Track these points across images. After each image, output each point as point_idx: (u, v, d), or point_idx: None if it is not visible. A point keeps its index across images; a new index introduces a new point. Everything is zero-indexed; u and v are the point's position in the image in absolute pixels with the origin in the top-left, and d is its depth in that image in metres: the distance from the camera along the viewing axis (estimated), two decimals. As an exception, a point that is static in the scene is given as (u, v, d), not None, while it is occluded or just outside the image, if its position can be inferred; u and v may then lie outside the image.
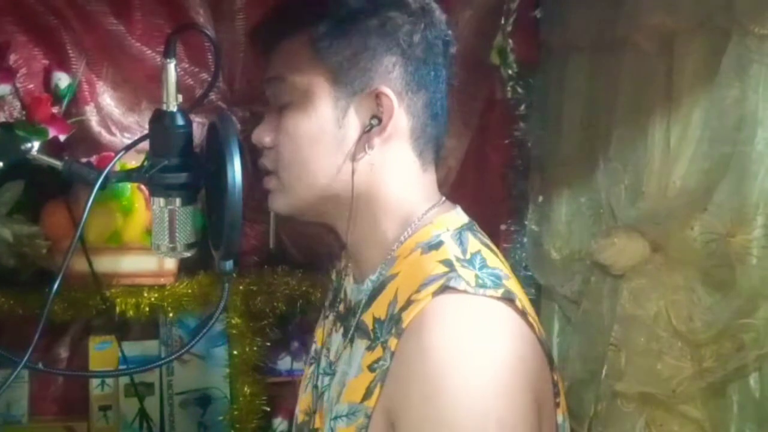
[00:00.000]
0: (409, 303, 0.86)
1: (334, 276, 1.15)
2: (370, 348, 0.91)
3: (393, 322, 0.88)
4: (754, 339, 1.03)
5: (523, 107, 1.50)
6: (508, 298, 0.86)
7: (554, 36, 1.44)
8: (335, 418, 0.92)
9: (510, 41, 1.44)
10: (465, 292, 0.84)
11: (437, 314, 0.84)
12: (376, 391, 0.86)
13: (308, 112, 0.93)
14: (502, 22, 1.43)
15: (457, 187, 1.50)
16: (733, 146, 1.03)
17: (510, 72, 1.47)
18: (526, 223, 1.52)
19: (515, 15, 1.42)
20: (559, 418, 0.92)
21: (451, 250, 0.90)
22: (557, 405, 0.91)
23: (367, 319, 0.94)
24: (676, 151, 1.12)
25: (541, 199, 1.48)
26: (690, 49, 1.11)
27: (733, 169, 1.03)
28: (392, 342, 0.86)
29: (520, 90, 1.49)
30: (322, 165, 0.94)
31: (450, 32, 0.98)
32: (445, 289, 0.85)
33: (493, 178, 1.57)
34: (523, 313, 0.86)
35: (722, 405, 1.09)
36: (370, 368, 0.89)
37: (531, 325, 0.87)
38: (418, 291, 0.86)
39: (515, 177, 1.54)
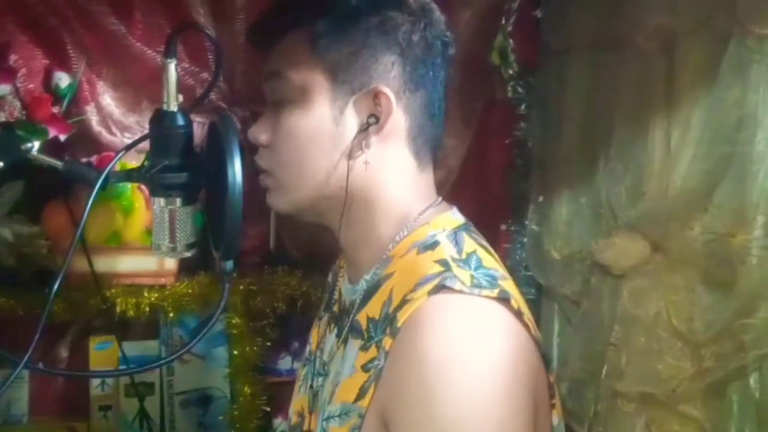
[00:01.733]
0: (404, 302, 0.86)
1: (330, 278, 1.15)
2: (363, 348, 0.90)
3: (387, 321, 0.87)
4: (754, 339, 1.03)
5: (523, 107, 1.50)
6: (504, 299, 0.85)
7: (555, 36, 1.44)
8: (327, 418, 0.92)
9: (510, 41, 1.44)
10: (461, 292, 0.84)
11: (432, 314, 0.83)
12: (370, 390, 0.86)
13: (306, 109, 0.93)
14: (503, 22, 1.44)
15: (457, 187, 1.50)
16: (734, 146, 1.03)
17: (510, 72, 1.47)
18: (526, 223, 1.52)
19: (516, 15, 1.43)
20: (555, 420, 0.91)
21: (446, 250, 0.90)
22: (552, 406, 0.91)
23: (362, 318, 0.93)
24: (676, 152, 1.13)
25: (541, 199, 1.48)
26: (690, 49, 1.11)
27: (733, 169, 1.04)
28: (387, 342, 0.86)
29: (520, 90, 1.49)
30: (319, 163, 0.94)
31: (449, 33, 0.98)
32: (440, 288, 0.84)
33: (494, 178, 1.57)
34: (518, 314, 0.86)
35: (722, 405, 1.09)
36: (364, 368, 0.88)
37: (526, 326, 0.87)
38: (413, 290, 0.85)
39: (516, 177, 1.54)
